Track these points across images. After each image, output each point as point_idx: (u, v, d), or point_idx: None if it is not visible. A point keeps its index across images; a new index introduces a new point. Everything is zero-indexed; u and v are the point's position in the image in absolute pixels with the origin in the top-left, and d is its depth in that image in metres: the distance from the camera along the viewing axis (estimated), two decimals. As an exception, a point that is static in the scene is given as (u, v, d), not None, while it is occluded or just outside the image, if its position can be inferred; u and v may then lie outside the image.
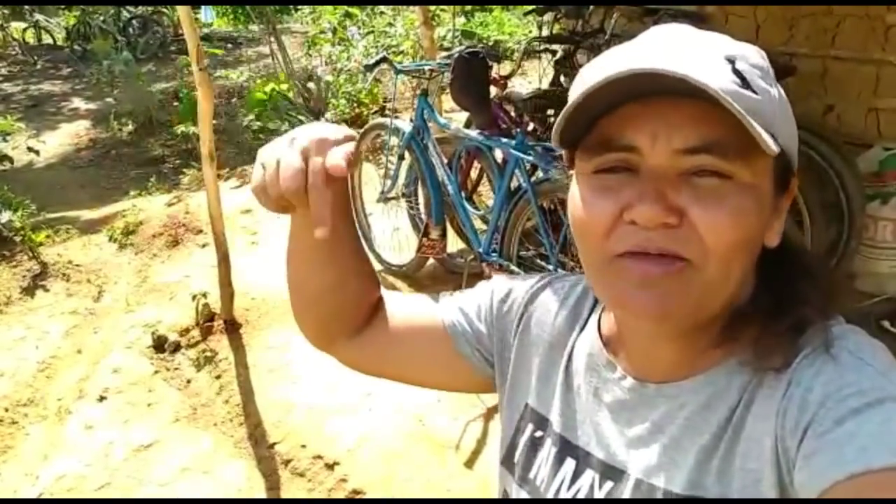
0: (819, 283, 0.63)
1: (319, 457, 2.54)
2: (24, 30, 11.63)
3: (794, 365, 0.58)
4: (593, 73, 0.57)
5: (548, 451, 0.72)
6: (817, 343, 0.58)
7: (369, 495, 2.37)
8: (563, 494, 0.69)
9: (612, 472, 0.66)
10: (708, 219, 0.55)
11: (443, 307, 0.83)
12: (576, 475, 0.69)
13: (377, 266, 3.56)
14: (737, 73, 0.55)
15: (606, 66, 0.57)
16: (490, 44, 7.07)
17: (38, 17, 11.76)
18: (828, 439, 0.51)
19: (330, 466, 2.49)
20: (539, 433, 0.74)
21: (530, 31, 6.33)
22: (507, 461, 0.77)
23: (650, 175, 0.56)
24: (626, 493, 0.64)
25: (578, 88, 0.58)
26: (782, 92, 0.60)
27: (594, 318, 0.74)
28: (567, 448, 0.71)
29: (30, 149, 5.67)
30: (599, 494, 0.67)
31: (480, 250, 3.02)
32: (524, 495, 0.73)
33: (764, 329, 0.60)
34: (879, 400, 0.52)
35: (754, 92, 0.55)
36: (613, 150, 0.58)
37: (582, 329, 0.75)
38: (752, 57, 0.58)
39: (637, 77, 0.53)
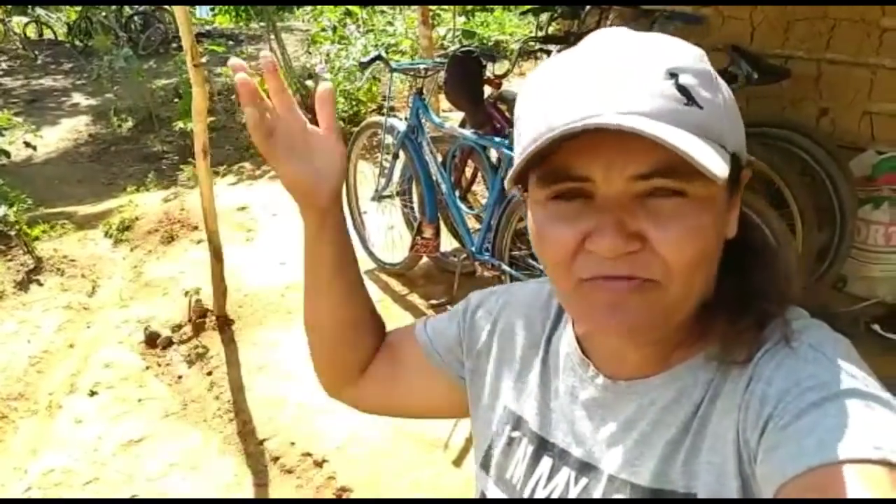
0: (775, 276, 0.64)
1: (308, 454, 2.53)
2: (26, 24, 11.65)
3: (756, 359, 0.58)
4: (535, 112, 0.57)
5: (524, 450, 0.73)
6: (778, 337, 0.59)
7: (357, 493, 2.36)
8: (539, 492, 0.69)
9: (586, 469, 0.67)
10: (668, 239, 0.55)
11: (418, 329, 0.86)
12: (552, 473, 0.69)
13: (371, 265, 3.56)
14: (681, 89, 0.54)
15: (545, 106, 0.56)
16: (490, 43, 7.07)
17: (40, 11, 11.78)
18: (788, 432, 0.52)
19: (318, 464, 2.49)
20: (516, 433, 0.74)
21: (531, 32, 6.32)
22: (484, 463, 0.77)
23: (606, 204, 0.56)
24: (599, 490, 0.65)
25: (523, 129, 0.59)
26: (727, 92, 0.59)
27: (567, 316, 0.75)
28: (544, 447, 0.71)
29: (27, 144, 5.67)
30: (574, 491, 0.67)
31: (473, 249, 3.02)
32: (500, 495, 0.73)
33: (728, 324, 0.61)
34: (838, 394, 0.52)
35: (699, 106, 0.54)
36: (567, 181, 0.57)
37: (554, 328, 0.76)
38: (694, 63, 0.56)
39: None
